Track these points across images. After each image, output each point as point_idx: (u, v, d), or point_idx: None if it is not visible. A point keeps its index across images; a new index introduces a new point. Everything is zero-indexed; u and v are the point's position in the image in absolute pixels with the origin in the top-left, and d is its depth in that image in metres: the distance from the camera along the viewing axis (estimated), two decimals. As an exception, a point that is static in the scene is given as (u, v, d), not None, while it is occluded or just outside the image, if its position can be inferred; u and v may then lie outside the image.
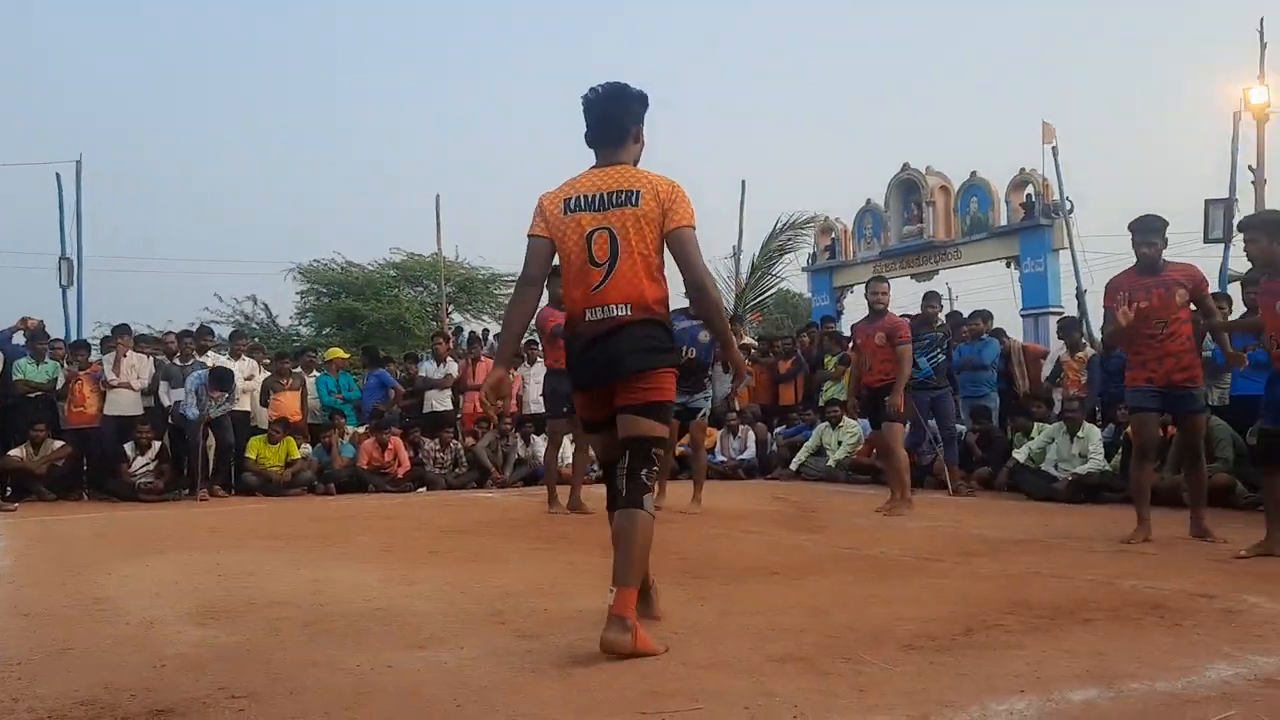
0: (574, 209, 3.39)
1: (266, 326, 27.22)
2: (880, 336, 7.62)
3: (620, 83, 3.48)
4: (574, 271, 3.40)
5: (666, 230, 3.33)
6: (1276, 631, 3.31)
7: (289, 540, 6.37)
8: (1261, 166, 14.83)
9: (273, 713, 2.54)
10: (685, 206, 3.36)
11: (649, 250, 3.34)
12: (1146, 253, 5.72)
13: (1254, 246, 5.19)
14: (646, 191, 3.34)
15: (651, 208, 3.32)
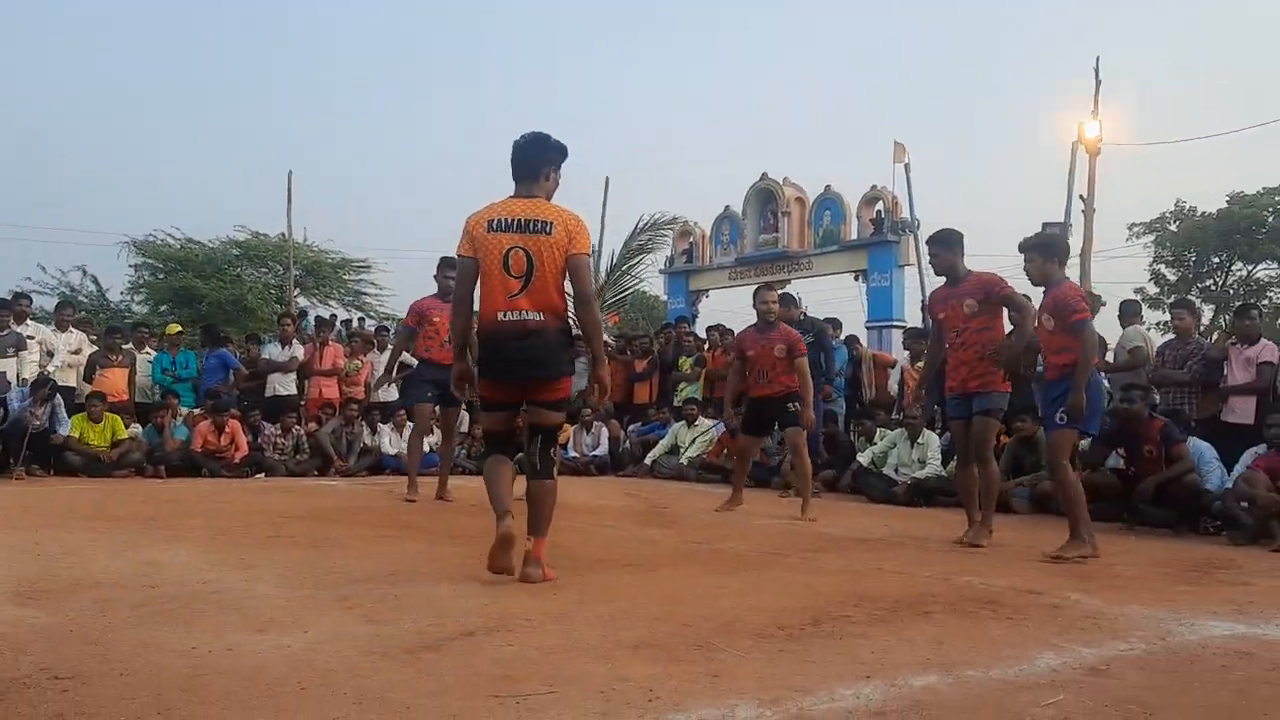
0: (495, 229, 4.14)
1: (96, 300, 25.75)
2: (780, 349, 7.38)
3: (544, 133, 4.33)
4: (493, 280, 4.13)
5: (569, 255, 4.11)
6: (1097, 625, 3.51)
7: (115, 521, 6.00)
8: (1092, 196, 15.83)
9: (100, 694, 2.38)
10: (585, 238, 4.19)
11: (557, 270, 4.12)
12: (934, 264, 6.15)
13: (1031, 266, 5.61)
14: (558, 223, 4.13)
15: (561, 237, 4.11)
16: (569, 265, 4.14)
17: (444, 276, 7.52)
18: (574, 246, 4.13)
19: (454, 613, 3.44)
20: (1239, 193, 26.88)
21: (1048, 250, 5.59)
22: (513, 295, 4.11)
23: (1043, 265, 5.54)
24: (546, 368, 4.17)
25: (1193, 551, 5.79)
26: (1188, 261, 28.24)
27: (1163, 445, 6.78)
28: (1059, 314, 5.38)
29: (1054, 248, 5.66)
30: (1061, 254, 5.65)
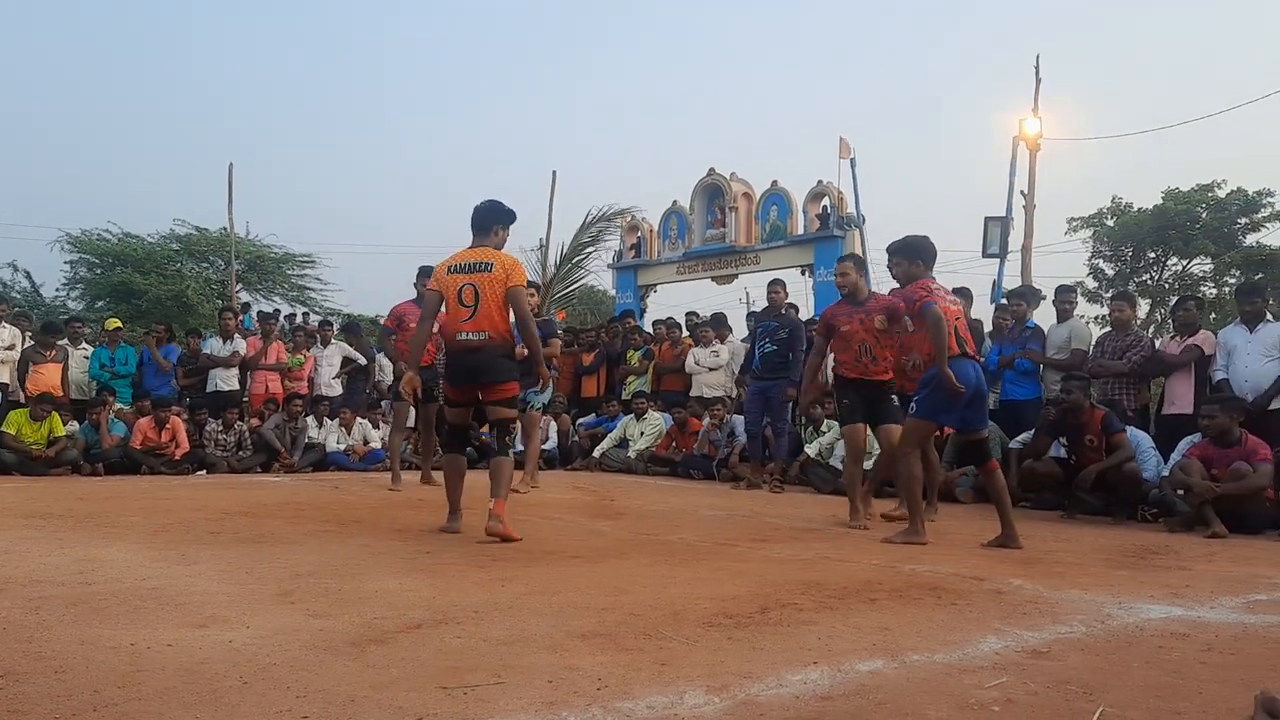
0: (453, 271, 5.51)
1: (30, 297, 25.12)
2: (882, 319, 6.46)
3: (497, 201, 5.71)
4: (451, 310, 5.49)
5: (507, 288, 5.41)
6: (1039, 609, 3.57)
7: (50, 519, 5.84)
8: (1032, 192, 16.08)
9: (34, 691, 2.31)
10: (519, 274, 5.50)
11: (499, 300, 5.41)
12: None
13: (898, 269, 5.86)
14: (498, 264, 5.46)
15: (500, 274, 5.42)
16: (508, 295, 5.42)
17: (421, 283, 8.33)
18: (511, 280, 5.43)
19: (399, 606, 3.40)
20: (1174, 189, 27.53)
21: (911, 253, 5.80)
22: (464, 320, 5.43)
23: (908, 268, 5.78)
24: (492, 374, 5.47)
25: (1131, 538, 5.92)
26: (1125, 256, 28.80)
27: (1103, 435, 6.92)
28: (910, 306, 5.65)
29: (917, 250, 5.80)
30: (925, 256, 5.77)
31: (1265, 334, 7.36)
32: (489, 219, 5.66)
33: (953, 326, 5.48)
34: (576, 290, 22.84)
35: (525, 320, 5.50)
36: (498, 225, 5.66)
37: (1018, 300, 9.26)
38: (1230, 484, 6.28)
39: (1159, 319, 26.28)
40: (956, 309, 5.66)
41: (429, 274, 7.15)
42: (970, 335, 5.79)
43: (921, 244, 5.83)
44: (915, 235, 5.85)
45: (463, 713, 2.23)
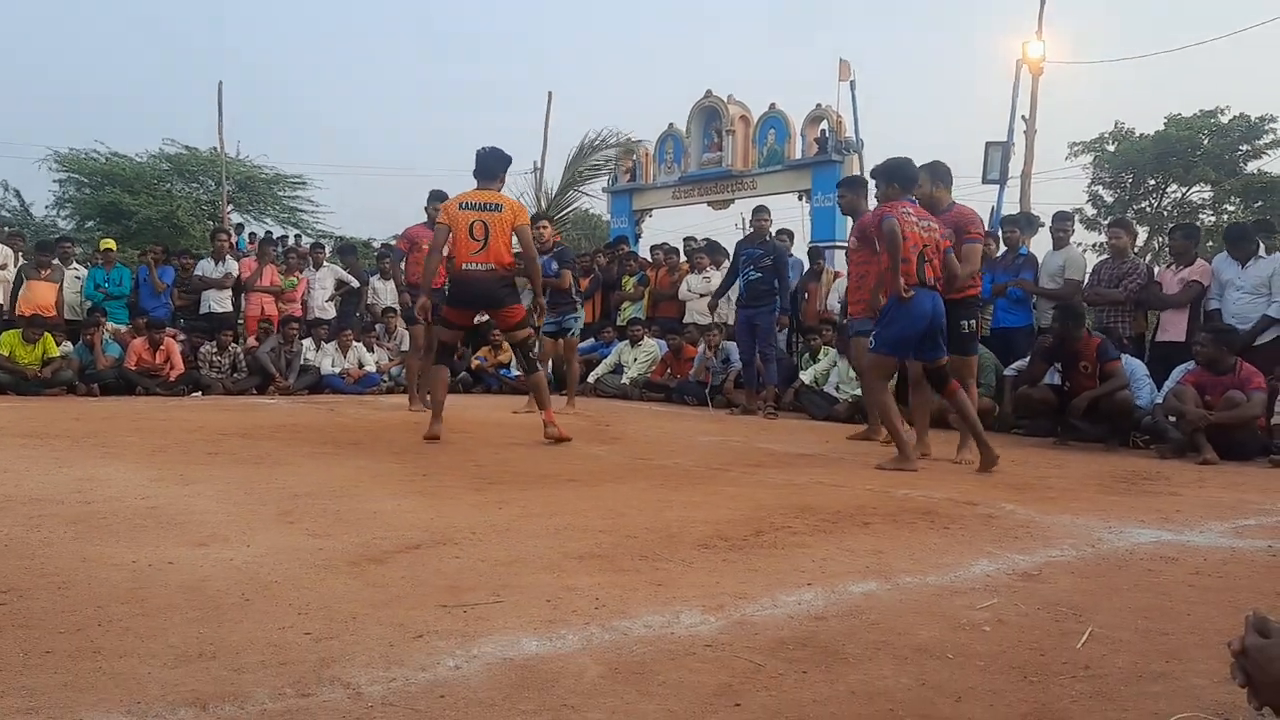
0: (465, 208, 6.23)
1: (20, 216, 24.87)
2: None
3: (498, 148, 6.44)
4: (460, 242, 6.18)
5: (514, 226, 6.23)
6: (1030, 533, 3.62)
7: (47, 439, 5.87)
8: (1033, 117, 15.88)
9: (37, 607, 2.34)
10: (525, 215, 6.39)
11: (506, 237, 6.20)
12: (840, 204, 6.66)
13: (877, 192, 5.84)
14: (506, 206, 6.29)
15: (508, 215, 6.23)
16: (516, 233, 6.24)
17: (433, 207, 8.55)
18: (518, 220, 6.27)
19: (397, 527, 3.43)
20: (1176, 115, 27.25)
21: (887, 175, 5.69)
22: (474, 253, 6.16)
23: (884, 190, 5.69)
24: (499, 300, 6.30)
25: (1123, 465, 5.97)
26: (1124, 183, 28.64)
27: (1098, 362, 6.94)
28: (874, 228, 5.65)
29: (891, 173, 5.68)
30: (900, 179, 5.64)
31: (1255, 271, 7.34)
32: (494, 165, 6.39)
33: (918, 253, 5.42)
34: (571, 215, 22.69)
35: (532, 257, 6.40)
36: (501, 170, 6.43)
37: (1010, 227, 9.20)
38: (1223, 412, 6.32)
39: (1157, 247, 26.21)
40: (928, 236, 5.53)
41: (441, 198, 8.30)
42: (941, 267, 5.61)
43: (897, 166, 5.72)
44: (896, 158, 5.78)
45: (463, 630, 2.26)
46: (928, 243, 5.51)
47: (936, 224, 5.67)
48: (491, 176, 6.37)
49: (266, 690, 1.85)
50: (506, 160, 6.47)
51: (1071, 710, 1.88)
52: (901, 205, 5.55)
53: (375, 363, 11.82)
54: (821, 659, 2.14)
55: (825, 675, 2.04)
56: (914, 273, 5.42)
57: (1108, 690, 1.99)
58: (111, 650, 2.05)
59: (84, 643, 2.10)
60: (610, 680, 1.97)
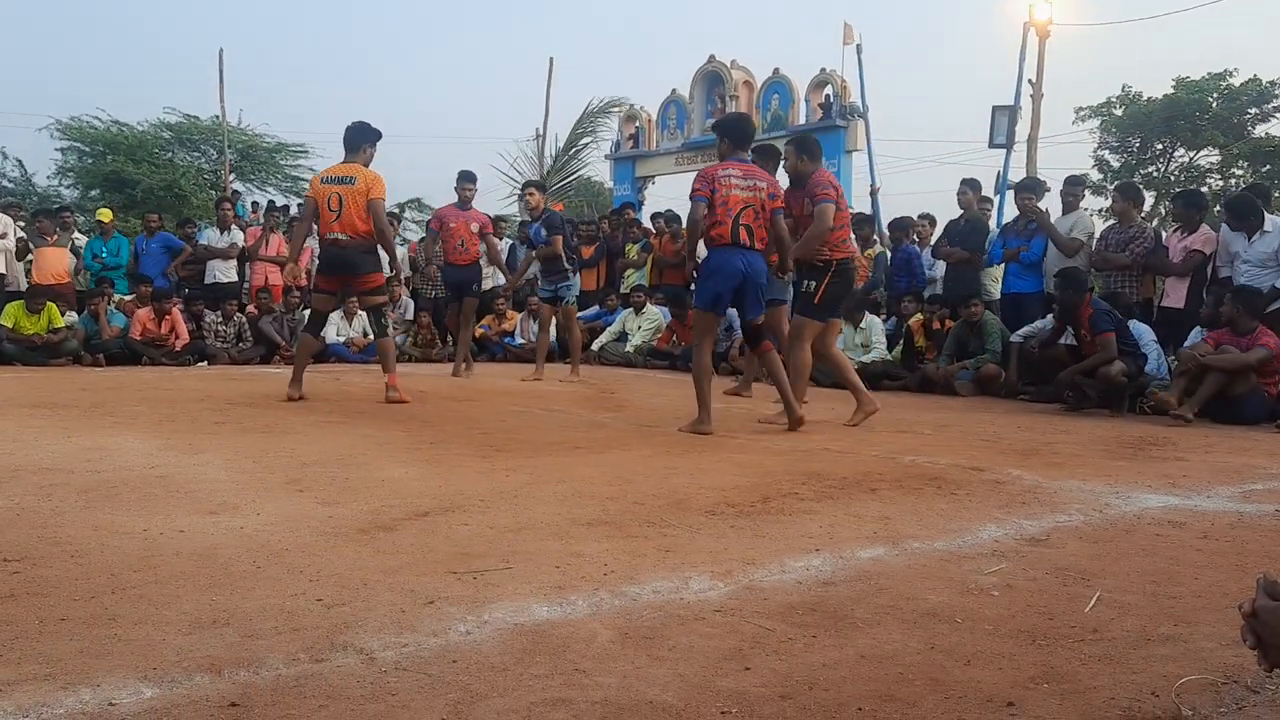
0: (325, 182, 6.62)
1: (22, 185, 24.79)
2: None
3: (365, 122, 6.72)
4: (322, 213, 6.58)
5: (368, 199, 6.52)
6: (1037, 499, 3.62)
7: (55, 409, 5.88)
8: (1040, 80, 15.74)
9: (52, 575, 2.35)
10: (379, 188, 6.59)
11: (360, 208, 6.52)
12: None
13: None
14: (360, 179, 6.54)
15: (362, 187, 6.52)
16: (368, 206, 6.53)
17: (462, 188, 9.09)
18: (371, 194, 6.53)
19: (406, 494, 3.45)
20: (1185, 78, 26.97)
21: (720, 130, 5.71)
22: (332, 222, 6.53)
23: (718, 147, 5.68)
24: (356, 268, 6.66)
25: (1129, 430, 5.97)
26: (1131, 148, 28.40)
27: (1092, 332, 6.91)
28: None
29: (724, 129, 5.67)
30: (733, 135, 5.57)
31: (1261, 245, 7.27)
32: (357, 138, 6.64)
33: (737, 213, 5.37)
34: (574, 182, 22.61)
35: (382, 230, 6.65)
36: (365, 144, 6.65)
37: (1027, 194, 9.13)
38: (1218, 356, 6.37)
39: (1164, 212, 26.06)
40: (751, 196, 5.42)
41: (470, 178, 9.20)
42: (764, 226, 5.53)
43: (732, 123, 5.73)
44: (734, 113, 5.89)
45: (473, 596, 2.27)
46: (750, 203, 5.42)
47: (766, 183, 5.54)
48: (353, 150, 6.63)
49: (280, 656, 1.87)
50: (370, 134, 6.67)
51: (1080, 673, 1.89)
52: (726, 166, 5.48)
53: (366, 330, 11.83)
54: (830, 624, 2.15)
55: (834, 640, 2.05)
56: (727, 233, 5.40)
57: (1116, 653, 2.00)
58: (126, 617, 2.07)
59: (98, 610, 2.11)
60: (620, 645, 1.99)
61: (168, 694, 1.69)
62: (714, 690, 1.76)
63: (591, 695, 1.73)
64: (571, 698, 1.71)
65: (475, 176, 9.27)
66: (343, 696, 1.69)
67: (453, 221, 9.03)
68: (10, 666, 1.79)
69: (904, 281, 9.89)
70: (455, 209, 9.10)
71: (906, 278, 9.90)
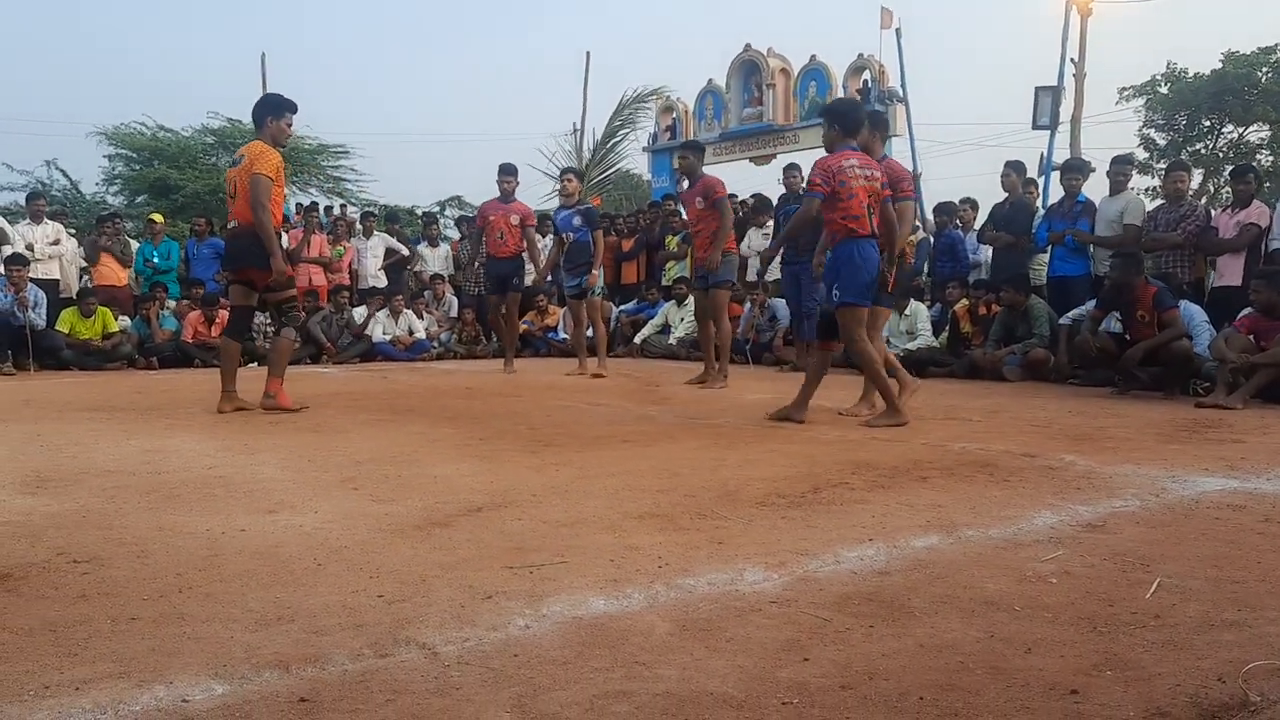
0: (230, 165, 6.10)
1: (69, 194, 25.25)
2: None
3: (269, 94, 6.18)
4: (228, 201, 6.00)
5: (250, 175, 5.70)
6: (1091, 484, 3.58)
7: (114, 412, 6.02)
8: (1082, 60, 15.50)
9: (119, 575, 2.41)
10: (263, 161, 5.72)
11: (245, 189, 5.75)
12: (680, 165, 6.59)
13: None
14: (247, 155, 5.81)
15: (246, 165, 5.76)
16: (250, 182, 5.71)
17: (502, 180, 9.10)
18: (254, 168, 5.71)
19: (459, 491, 3.49)
20: (1234, 52, 26.39)
21: (831, 117, 5.48)
22: (229, 211, 6.01)
23: (827, 133, 5.48)
24: (246, 259, 5.90)
25: (1183, 413, 5.88)
26: (1178, 125, 27.84)
27: (1155, 311, 6.81)
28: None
29: (836, 114, 5.48)
30: (845, 123, 5.40)
31: None
32: (257, 112, 5.96)
33: (867, 204, 5.28)
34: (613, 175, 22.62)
35: (254, 208, 5.71)
36: (267, 117, 5.91)
37: (1074, 175, 9.00)
38: (1265, 355, 6.21)
39: (1212, 190, 25.55)
40: (870, 185, 5.33)
41: (510, 170, 9.10)
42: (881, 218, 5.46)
43: (845, 109, 5.56)
44: (844, 99, 5.70)
45: (531, 590, 2.30)
46: (872, 193, 5.35)
47: (880, 173, 5.47)
48: (257, 125, 5.99)
49: (345, 652, 1.90)
50: (270, 105, 5.97)
51: (1143, 659, 1.87)
52: (846, 156, 5.33)
53: (425, 329, 11.94)
54: (888, 613, 2.15)
55: (893, 629, 2.05)
56: (866, 225, 5.29)
57: (1179, 639, 1.98)
58: (194, 615, 2.12)
59: (167, 609, 2.16)
60: (679, 637, 2.00)
61: (238, 690, 1.73)
62: (774, 681, 1.77)
63: (652, 687, 1.74)
64: (633, 690, 1.73)
65: (515, 169, 9.27)
66: (408, 691, 1.72)
67: (492, 215, 9.13)
68: (86, 665, 1.84)
69: (948, 267, 9.81)
70: (497, 203, 9.17)
71: (950, 263, 9.81)
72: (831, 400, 6.06)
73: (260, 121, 5.92)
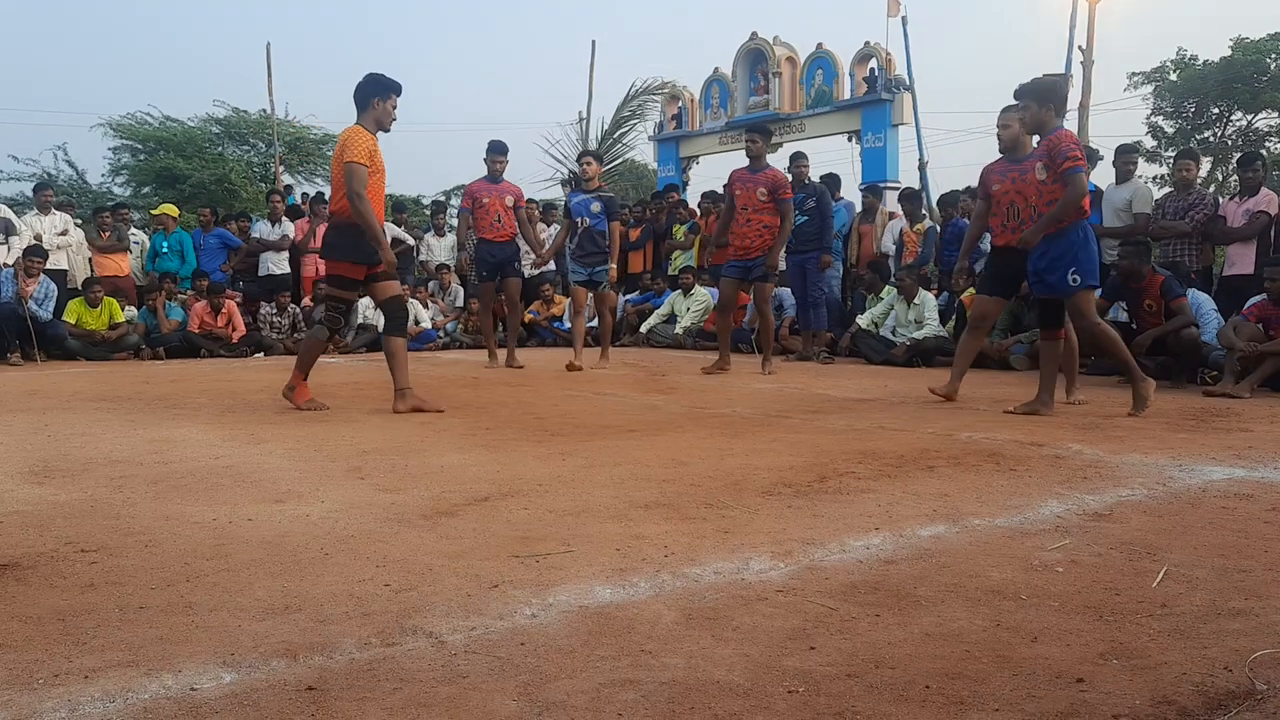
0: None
1: (75, 184, 25.29)
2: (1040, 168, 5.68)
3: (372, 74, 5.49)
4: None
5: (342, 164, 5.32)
6: (1099, 474, 3.58)
7: (121, 402, 6.03)
8: (1091, 47, 15.41)
9: (127, 565, 2.42)
10: (350, 148, 5.32)
11: (338, 178, 5.39)
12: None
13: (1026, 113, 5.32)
14: (339, 142, 5.46)
15: (337, 152, 5.44)
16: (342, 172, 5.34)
17: (492, 160, 8.59)
18: (345, 156, 5.34)
19: (465, 480, 3.49)
20: (1244, 38, 26.25)
21: (1043, 96, 5.28)
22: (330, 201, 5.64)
23: (1038, 112, 5.26)
24: (327, 250, 5.66)
25: (1191, 401, 5.87)
26: (1186, 113, 27.73)
27: (1162, 299, 6.79)
28: (1053, 161, 5.16)
29: (1051, 93, 5.33)
30: (1058, 101, 5.31)
31: None
32: (362, 92, 5.47)
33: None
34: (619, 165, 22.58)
35: (350, 197, 5.31)
36: (374, 98, 5.47)
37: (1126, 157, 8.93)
38: (1273, 343, 6.20)
39: (1220, 178, 25.44)
40: None
41: (500, 149, 8.56)
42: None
43: (1054, 86, 5.36)
44: (1047, 76, 5.50)
45: (537, 579, 2.30)
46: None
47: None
48: (360, 108, 5.50)
49: (353, 640, 1.91)
50: (380, 84, 5.49)
51: (1150, 648, 1.87)
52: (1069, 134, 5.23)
53: (430, 319, 11.94)
54: (894, 602, 2.15)
55: (899, 618, 2.05)
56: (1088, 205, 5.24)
57: (1186, 628, 1.98)
58: (202, 605, 2.12)
59: (175, 598, 2.17)
60: (685, 626, 2.00)
61: (246, 678, 1.74)
62: (780, 670, 1.77)
63: (659, 676, 1.74)
64: (640, 678, 1.73)
65: (506, 147, 8.70)
66: (415, 679, 1.73)
67: (485, 197, 8.57)
68: (95, 654, 1.85)
69: (955, 256, 9.76)
70: (486, 183, 8.64)
71: (958, 252, 9.77)
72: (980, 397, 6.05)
73: (365, 103, 5.45)
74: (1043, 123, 5.26)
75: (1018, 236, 5.48)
